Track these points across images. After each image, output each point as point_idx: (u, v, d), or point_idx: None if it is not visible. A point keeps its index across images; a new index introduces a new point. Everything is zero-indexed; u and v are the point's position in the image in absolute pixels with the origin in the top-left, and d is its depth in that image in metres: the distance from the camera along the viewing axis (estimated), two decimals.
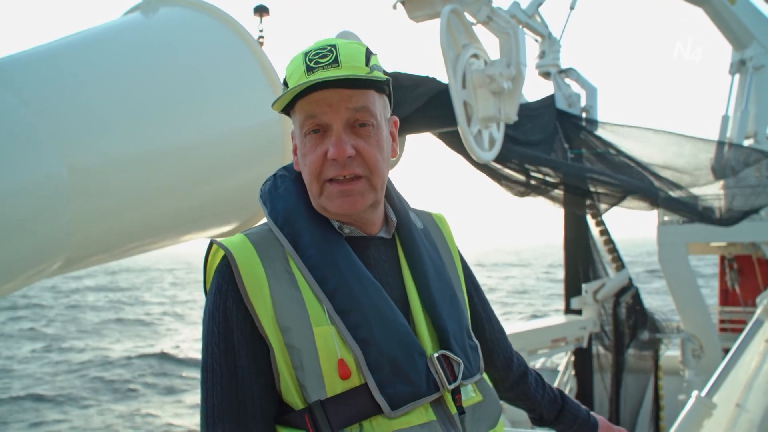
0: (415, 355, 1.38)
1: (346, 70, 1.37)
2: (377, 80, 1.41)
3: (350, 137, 1.40)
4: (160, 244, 3.54)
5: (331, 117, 1.39)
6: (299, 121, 1.43)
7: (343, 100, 1.38)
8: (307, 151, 1.42)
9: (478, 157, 6.50)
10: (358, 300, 1.37)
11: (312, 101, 1.39)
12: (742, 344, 4.26)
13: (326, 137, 1.40)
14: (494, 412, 1.54)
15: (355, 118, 1.40)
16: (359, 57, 1.41)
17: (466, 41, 6.53)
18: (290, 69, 1.44)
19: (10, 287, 2.67)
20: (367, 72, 1.40)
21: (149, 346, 28.71)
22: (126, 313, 41.31)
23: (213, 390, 1.36)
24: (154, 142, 3.10)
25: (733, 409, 3.76)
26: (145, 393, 21.15)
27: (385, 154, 1.46)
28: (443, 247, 1.67)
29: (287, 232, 1.44)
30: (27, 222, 2.51)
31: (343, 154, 1.38)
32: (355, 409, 1.32)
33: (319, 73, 1.37)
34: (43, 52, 3.02)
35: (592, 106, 10.81)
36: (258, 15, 5.09)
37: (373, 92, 1.44)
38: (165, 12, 3.69)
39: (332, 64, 1.37)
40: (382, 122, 1.46)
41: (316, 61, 1.39)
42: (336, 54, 1.39)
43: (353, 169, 1.40)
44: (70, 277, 63.74)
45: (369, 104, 1.42)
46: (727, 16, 13.88)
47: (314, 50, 1.41)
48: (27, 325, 35.53)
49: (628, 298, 10.48)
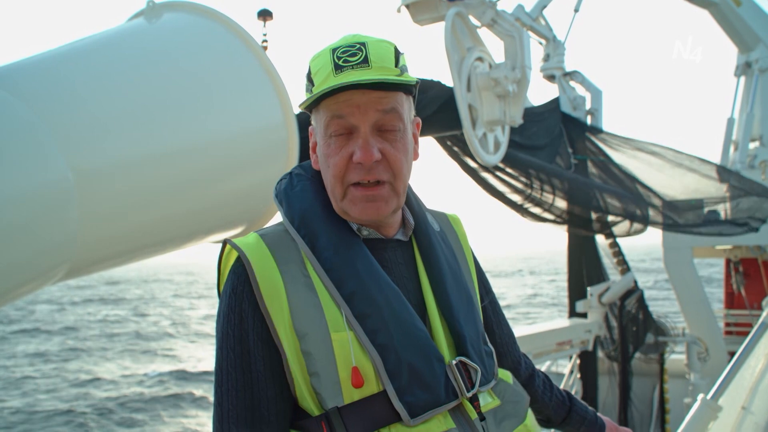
0: (434, 361, 1.36)
1: (376, 72, 1.34)
2: (408, 83, 1.38)
3: (377, 140, 1.37)
4: (167, 248, 3.54)
5: (358, 119, 1.36)
6: (324, 120, 1.39)
7: (372, 102, 1.35)
8: (332, 152, 1.39)
9: (483, 160, 6.49)
10: (377, 304, 1.34)
11: (339, 101, 1.35)
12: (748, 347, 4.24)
13: (352, 139, 1.37)
14: (518, 410, 1.52)
15: (383, 121, 1.37)
16: (389, 57, 1.38)
17: (471, 44, 6.52)
18: (316, 65, 1.40)
19: (14, 294, 2.67)
20: (397, 74, 1.36)
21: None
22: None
23: (228, 394, 1.34)
24: (158, 145, 3.11)
25: (739, 412, 3.74)
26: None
27: (409, 158, 1.44)
28: (458, 248, 1.66)
29: (304, 234, 1.41)
30: (32, 226, 2.51)
31: (370, 159, 1.35)
32: (373, 416, 1.30)
33: (348, 73, 1.33)
34: (48, 58, 3.03)
35: (597, 109, 10.78)
36: (262, 19, 5.10)
37: (402, 94, 1.41)
38: (169, 17, 3.70)
39: (362, 64, 1.34)
40: (407, 125, 1.43)
41: (344, 59, 1.35)
42: (365, 53, 1.35)
43: (378, 174, 1.38)
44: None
45: (398, 106, 1.39)
46: (732, 18, 13.84)
47: (342, 47, 1.37)
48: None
49: (633, 301, 10.45)
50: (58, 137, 2.63)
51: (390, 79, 1.33)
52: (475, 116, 6.39)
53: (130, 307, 53.56)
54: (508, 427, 1.46)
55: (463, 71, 6.19)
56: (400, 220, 1.54)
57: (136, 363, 28.39)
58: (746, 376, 4.04)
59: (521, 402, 1.54)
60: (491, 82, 6.34)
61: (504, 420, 1.46)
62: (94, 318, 45.86)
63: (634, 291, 10.52)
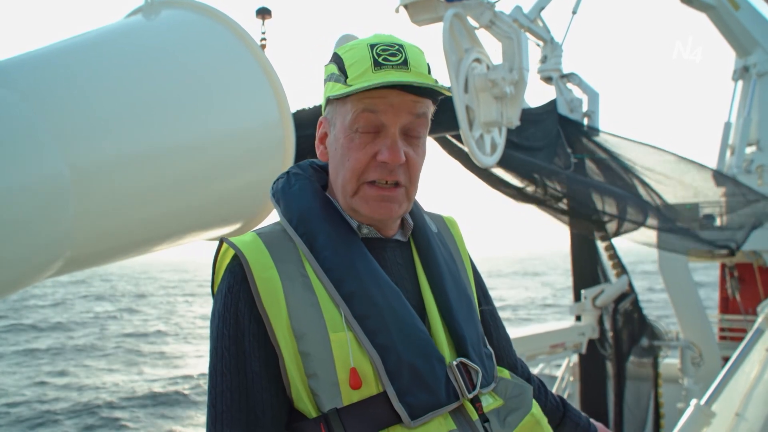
0: (434, 362, 1.35)
1: (415, 76, 1.34)
2: (441, 92, 1.37)
3: (402, 143, 1.37)
4: (162, 245, 3.53)
5: (390, 118, 1.35)
6: (352, 113, 1.37)
7: (406, 104, 1.35)
8: (354, 146, 1.38)
9: (480, 161, 6.48)
10: (377, 304, 1.33)
11: (374, 97, 1.34)
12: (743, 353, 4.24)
13: (378, 138, 1.36)
14: (522, 401, 1.50)
15: (412, 125, 1.37)
16: (424, 64, 1.39)
17: (469, 45, 6.52)
18: (351, 57, 1.38)
19: (10, 287, 2.66)
20: (434, 81, 1.36)
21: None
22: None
23: (222, 395, 1.31)
24: (154, 142, 3.10)
25: (733, 418, 3.74)
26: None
27: (423, 165, 1.45)
28: (455, 250, 1.65)
29: (302, 233, 1.39)
30: (28, 221, 2.51)
31: (397, 160, 1.35)
32: (373, 418, 1.28)
33: (388, 72, 1.33)
34: (46, 54, 3.02)
35: (594, 111, 10.79)
36: (260, 17, 5.09)
37: (431, 102, 1.41)
38: (167, 14, 3.69)
39: (402, 66, 1.34)
40: (427, 133, 1.44)
41: (384, 57, 1.34)
42: (405, 55, 1.35)
43: (398, 176, 1.38)
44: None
45: (427, 112, 1.40)
46: (731, 22, 13.87)
47: (381, 45, 1.36)
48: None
49: (627, 304, 10.46)
50: (55, 133, 2.63)
51: (431, 85, 1.33)
52: (472, 117, 6.38)
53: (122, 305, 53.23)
54: (514, 421, 1.45)
55: (460, 72, 6.19)
56: (400, 221, 1.53)
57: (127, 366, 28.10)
58: (740, 382, 4.05)
59: (524, 393, 1.53)
60: (489, 84, 6.34)
61: (509, 416, 1.45)
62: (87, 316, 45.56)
63: (628, 294, 10.53)
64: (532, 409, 1.50)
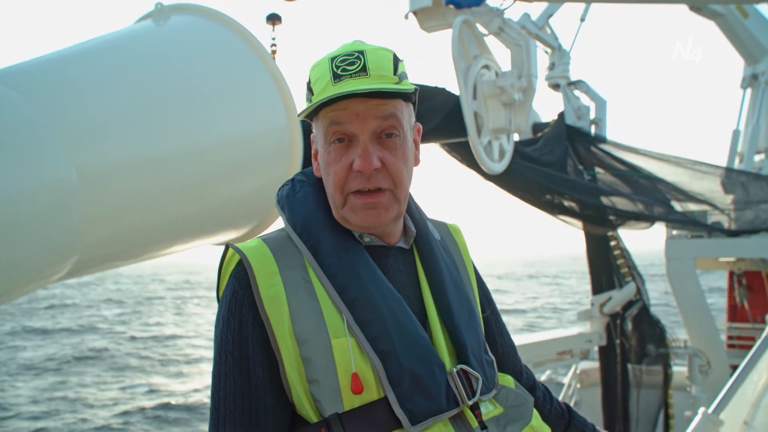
0: (435, 368, 1.36)
1: (374, 80, 1.34)
2: (405, 91, 1.38)
3: (376, 148, 1.37)
4: (169, 249, 3.54)
5: (357, 127, 1.36)
6: (323, 128, 1.40)
7: (370, 109, 1.35)
8: (331, 160, 1.39)
9: (488, 168, 6.49)
10: (379, 310, 1.34)
11: (338, 109, 1.36)
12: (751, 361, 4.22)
13: (351, 147, 1.38)
14: (522, 412, 1.51)
15: (382, 128, 1.37)
16: (387, 65, 1.38)
17: (478, 52, 6.53)
18: (315, 74, 1.41)
19: (17, 292, 2.67)
20: (395, 82, 1.37)
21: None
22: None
23: (225, 399, 1.33)
24: (162, 146, 3.11)
25: (741, 426, 3.72)
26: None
27: (409, 165, 1.44)
28: (458, 258, 1.65)
29: (306, 239, 1.41)
30: (35, 225, 2.51)
31: (369, 167, 1.35)
32: (374, 423, 1.29)
33: (346, 82, 1.34)
34: (54, 59, 3.03)
35: (602, 119, 10.78)
36: (271, 23, 5.11)
37: (401, 101, 1.41)
38: (176, 20, 3.71)
39: (360, 73, 1.34)
40: (407, 131, 1.43)
41: (343, 68, 1.35)
42: (364, 61, 1.36)
43: (378, 182, 1.38)
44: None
45: (397, 113, 1.39)
46: (739, 30, 13.82)
47: (341, 56, 1.38)
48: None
49: (634, 311, 10.42)
50: (63, 137, 2.64)
51: (387, 88, 1.34)
52: (481, 124, 6.40)
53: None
54: (514, 430, 1.46)
55: (469, 79, 6.21)
56: (402, 228, 1.54)
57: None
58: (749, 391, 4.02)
59: (526, 404, 1.53)
60: (497, 90, 6.36)
61: (508, 425, 1.46)
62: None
63: (636, 301, 10.49)
64: (531, 421, 1.51)
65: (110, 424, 19.93)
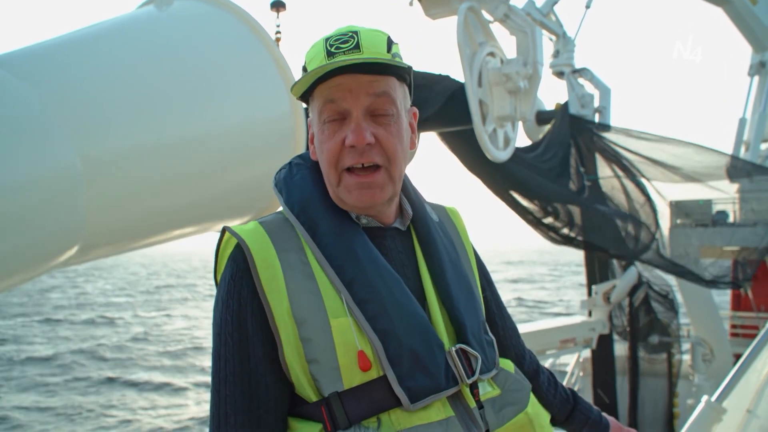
0: (434, 347, 1.36)
1: (367, 56, 1.35)
2: (398, 66, 1.39)
3: (370, 124, 1.38)
4: (172, 235, 3.54)
5: (350, 103, 1.37)
6: (318, 106, 1.41)
7: (363, 85, 1.36)
8: (325, 138, 1.40)
9: (493, 156, 6.47)
10: (377, 290, 1.35)
11: (331, 86, 1.37)
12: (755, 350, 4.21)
13: (345, 124, 1.38)
14: (518, 397, 1.51)
15: (375, 105, 1.38)
16: (380, 44, 1.39)
17: (483, 39, 6.50)
18: (310, 55, 1.42)
19: (22, 277, 2.68)
20: (388, 58, 1.37)
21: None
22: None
23: (226, 380, 1.33)
24: (166, 133, 3.11)
25: (744, 415, 3.72)
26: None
27: (404, 145, 1.44)
28: (457, 240, 1.65)
29: (303, 221, 1.41)
30: (41, 211, 2.52)
31: (362, 141, 1.36)
32: (373, 401, 1.30)
33: (339, 58, 1.35)
34: (57, 44, 3.03)
35: (606, 107, 10.72)
36: (275, 10, 5.09)
37: (394, 79, 1.42)
38: (179, 5, 3.70)
39: (353, 50, 1.36)
40: (402, 111, 1.43)
41: (336, 46, 1.37)
42: (357, 40, 1.37)
43: (372, 158, 1.38)
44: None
45: (390, 90, 1.40)
46: (747, 16, 13.73)
47: (335, 36, 1.39)
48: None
49: (641, 295, 10.40)
50: (67, 124, 2.64)
51: (376, 59, 1.35)
52: (486, 111, 6.37)
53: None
54: (508, 414, 1.46)
55: (474, 66, 6.18)
56: (398, 209, 1.55)
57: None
58: (752, 380, 4.01)
59: (522, 390, 1.54)
60: (503, 78, 6.33)
61: (504, 408, 1.46)
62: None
63: (639, 285, 10.47)
64: (527, 408, 1.51)
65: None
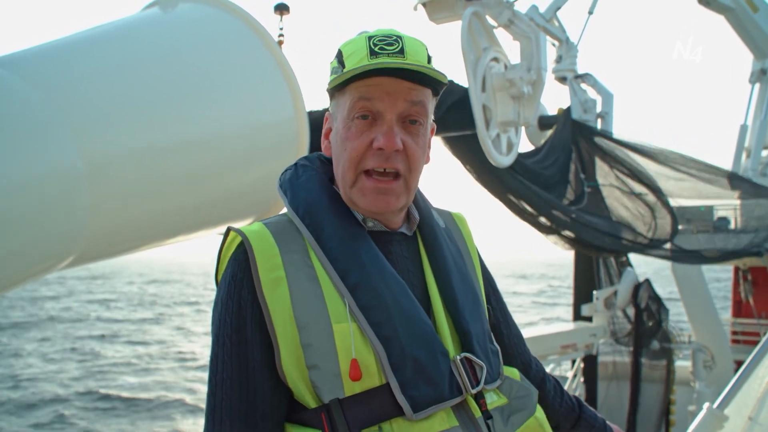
0: (438, 356, 1.34)
1: (413, 62, 1.33)
2: (440, 80, 1.37)
3: (400, 131, 1.36)
4: (174, 238, 3.54)
5: (386, 105, 1.35)
6: (350, 102, 1.38)
7: (402, 91, 1.35)
8: (351, 135, 1.38)
9: (496, 161, 6.47)
10: (381, 296, 1.33)
11: (370, 85, 1.35)
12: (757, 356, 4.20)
13: (375, 125, 1.36)
14: (526, 403, 1.49)
15: (409, 112, 1.37)
16: (423, 54, 1.38)
17: (487, 44, 6.51)
18: (349, 48, 1.39)
19: (23, 279, 2.67)
20: (432, 69, 1.36)
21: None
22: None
23: (222, 384, 1.31)
24: (169, 135, 3.11)
25: (746, 422, 3.70)
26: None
27: (425, 156, 1.44)
28: (463, 246, 1.63)
29: (309, 223, 1.39)
30: (41, 213, 2.52)
31: (392, 146, 1.34)
32: (375, 409, 1.28)
33: (384, 59, 1.33)
34: (61, 46, 3.03)
35: (608, 113, 10.70)
36: (278, 13, 5.10)
37: (430, 92, 1.41)
38: (184, 8, 3.70)
39: (398, 54, 1.34)
40: (428, 124, 1.43)
41: (381, 47, 1.35)
42: (402, 45, 1.36)
43: (396, 164, 1.37)
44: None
45: (425, 101, 1.39)
46: (749, 24, 13.73)
47: (379, 36, 1.37)
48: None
49: (645, 294, 10.34)
50: (70, 125, 2.63)
51: (427, 68, 1.33)
52: (489, 117, 6.38)
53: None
54: (518, 421, 1.44)
55: (478, 71, 6.18)
56: (405, 215, 1.53)
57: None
58: (754, 386, 4.00)
59: (529, 396, 1.52)
60: (506, 83, 6.33)
61: (512, 415, 1.44)
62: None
63: (640, 285, 10.44)
64: (535, 413, 1.49)
65: None
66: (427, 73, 1.33)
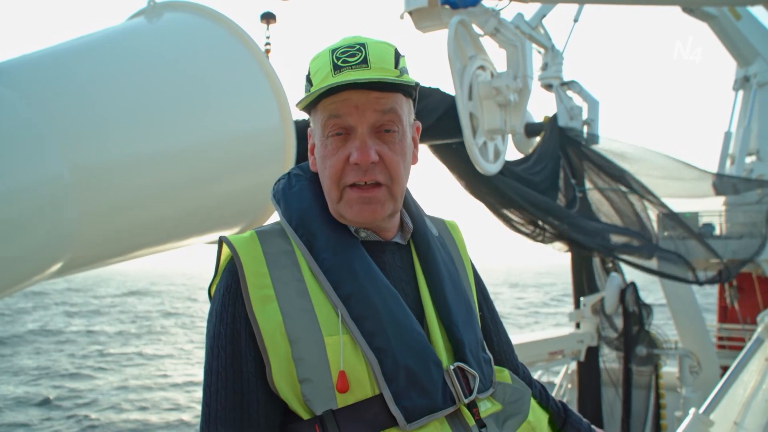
0: (431, 366, 1.34)
1: (375, 72, 1.32)
2: (407, 84, 1.36)
3: (375, 142, 1.35)
4: (162, 247, 3.53)
5: (356, 119, 1.34)
6: (321, 120, 1.37)
7: (370, 102, 1.33)
8: (328, 153, 1.37)
9: (483, 169, 6.48)
10: (374, 306, 1.32)
11: (337, 101, 1.34)
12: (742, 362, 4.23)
13: (349, 140, 1.35)
14: (520, 407, 1.49)
15: (381, 122, 1.35)
16: (388, 58, 1.36)
17: (473, 52, 6.53)
18: (315, 66, 1.39)
19: (9, 289, 2.66)
20: (396, 75, 1.35)
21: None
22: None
23: (217, 395, 1.31)
24: (155, 144, 3.10)
25: (732, 427, 3.73)
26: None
27: (407, 162, 1.42)
28: (456, 255, 1.63)
29: (301, 233, 1.39)
30: (28, 222, 2.50)
31: (366, 160, 1.33)
32: (369, 420, 1.27)
33: (346, 73, 1.32)
34: (47, 55, 3.02)
35: (594, 120, 10.76)
36: (265, 22, 5.10)
37: (401, 95, 1.39)
38: (169, 17, 3.69)
39: (361, 65, 1.33)
40: (406, 128, 1.41)
41: (344, 59, 1.33)
42: (365, 54, 1.34)
43: (375, 176, 1.35)
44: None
45: (396, 107, 1.37)
46: (731, 32, 13.88)
47: (342, 48, 1.36)
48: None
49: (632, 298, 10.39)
50: (56, 135, 2.62)
51: (387, 79, 1.31)
52: (476, 125, 6.40)
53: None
54: (512, 426, 1.44)
55: (464, 79, 6.20)
56: (398, 224, 1.52)
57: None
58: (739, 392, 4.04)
59: (522, 398, 1.52)
60: (493, 91, 6.36)
61: (507, 420, 1.44)
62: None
63: (626, 288, 10.49)
64: (528, 417, 1.49)
65: None
66: (389, 82, 1.32)
